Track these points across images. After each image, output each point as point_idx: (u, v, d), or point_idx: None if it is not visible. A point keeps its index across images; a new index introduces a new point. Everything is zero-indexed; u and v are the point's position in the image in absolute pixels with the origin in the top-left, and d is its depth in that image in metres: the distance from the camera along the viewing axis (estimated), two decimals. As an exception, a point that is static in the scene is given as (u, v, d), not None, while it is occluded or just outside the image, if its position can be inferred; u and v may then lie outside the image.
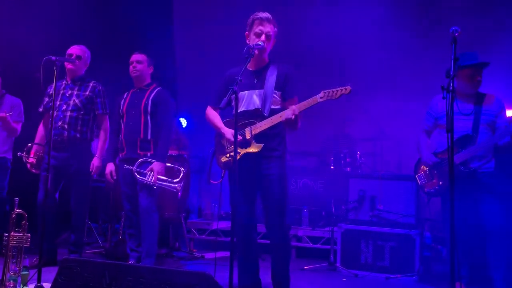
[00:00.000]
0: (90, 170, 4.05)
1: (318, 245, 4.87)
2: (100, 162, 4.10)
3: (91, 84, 4.19)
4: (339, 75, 6.72)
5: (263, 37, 2.98)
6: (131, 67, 3.97)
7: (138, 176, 3.74)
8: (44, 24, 5.38)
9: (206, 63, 7.33)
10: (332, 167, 5.71)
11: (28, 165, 4.12)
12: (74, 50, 4.17)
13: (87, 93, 4.14)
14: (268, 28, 2.98)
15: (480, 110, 3.50)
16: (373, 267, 4.24)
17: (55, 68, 3.28)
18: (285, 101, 3.02)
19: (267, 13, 3.02)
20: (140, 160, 3.78)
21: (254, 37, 3.00)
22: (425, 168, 3.74)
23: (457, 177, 3.40)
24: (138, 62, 3.95)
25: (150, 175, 3.72)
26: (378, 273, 4.20)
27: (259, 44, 2.91)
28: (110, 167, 3.96)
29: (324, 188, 5.45)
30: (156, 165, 3.75)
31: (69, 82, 4.17)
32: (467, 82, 3.53)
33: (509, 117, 3.82)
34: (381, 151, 5.83)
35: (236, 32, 6.63)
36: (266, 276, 3.19)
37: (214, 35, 7.24)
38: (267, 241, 3.22)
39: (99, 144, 4.16)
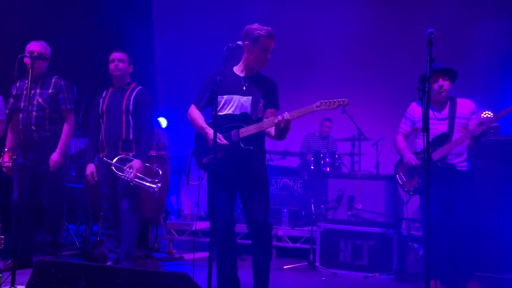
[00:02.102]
0: (50, 165, 3.95)
1: (298, 245, 4.89)
2: (60, 157, 3.99)
3: (53, 80, 4.08)
4: (316, 77, 6.79)
5: (269, 55, 3.03)
6: (112, 66, 3.85)
7: (115, 171, 3.69)
8: (17, 21, 5.27)
9: (185, 62, 7.31)
10: (312, 167, 5.76)
11: (4, 169, 4.03)
12: (35, 47, 4.00)
13: (50, 90, 4.04)
14: (273, 44, 3.03)
15: (454, 114, 3.68)
16: (352, 266, 4.29)
17: (29, 67, 3.22)
18: (266, 110, 3.08)
19: (270, 28, 3.01)
20: (120, 156, 3.73)
21: (259, 51, 2.99)
22: (405, 168, 3.84)
23: (435, 174, 3.61)
24: (120, 61, 3.85)
25: (129, 171, 3.68)
26: (357, 272, 4.24)
27: (239, 44, 2.91)
28: (91, 168, 3.88)
29: (303, 188, 5.48)
30: (136, 163, 3.70)
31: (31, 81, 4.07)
32: (432, 89, 3.66)
33: (481, 118, 3.94)
34: (360, 151, 5.90)
35: (215, 31, 6.65)
36: (245, 276, 3.19)
37: (194, 34, 7.22)
38: (247, 241, 3.22)
39: (62, 139, 4.04)
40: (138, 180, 3.69)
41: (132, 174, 3.65)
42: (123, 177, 3.66)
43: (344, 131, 6.30)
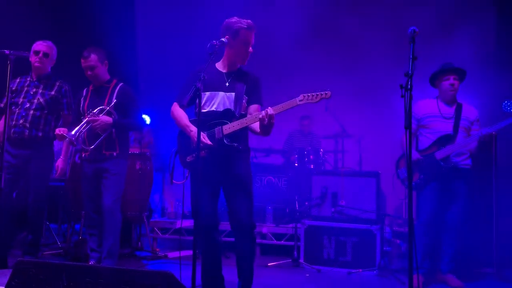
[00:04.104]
0: (56, 171, 3.96)
1: (282, 242, 4.91)
2: (65, 164, 3.99)
3: (57, 84, 4.05)
4: (297, 74, 6.79)
5: (250, 48, 3.00)
6: (87, 74, 3.77)
7: (90, 111, 3.63)
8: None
9: (169, 59, 7.23)
10: (296, 164, 5.78)
11: None
12: (41, 47, 3.99)
13: (53, 92, 4.01)
14: (253, 39, 3.00)
15: (459, 116, 3.87)
16: (336, 262, 4.32)
17: (9, 62, 3.15)
18: (250, 106, 3.06)
19: (250, 21, 2.99)
20: (101, 107, 3.66)
21: (240, 45, 2.97)
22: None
23: (438, 173, 3.81)
24: (92, 68, 3.74)
25: (95, 113, 3.60)
26: (340, 268, 4.28)
27: (223, 41, 2.89)
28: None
29: (288, 185, 5.50)
30: (106, 117, 3.63)
31: (34, 80, 4.02)
32: (441, 87, 3.92)
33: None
34: (343, 148, 5.94)
35: (199, 28, 6.60)
36: (229, 274, 3.18)
37: (177, 31, 7.15)
38: (231, 239, 3.21)
39: (65, 146, 4.03)
40: (92, 118, 3.58)
41: (94, 117, 3.57)
42: (90, 114, 3.59)
43: (327, 129, 6.33)
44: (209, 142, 2.87)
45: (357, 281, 4.03)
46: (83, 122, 3.59)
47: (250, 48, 3.01)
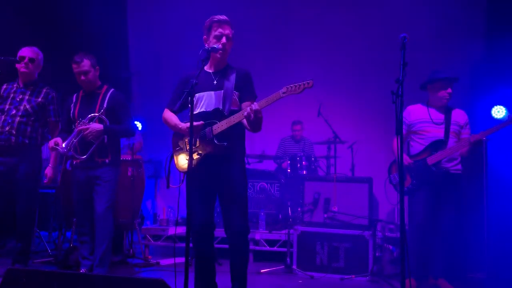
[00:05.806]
0: (45, 180, 3.93)
1: (275, 248, 4.90)
2: (55, 171, 3.97)
3: (44, 90, 4.03)
4: (290, 79, 6.81)
5: (223, 39, 2.96)
6: (79, 79, 3.76)
7: (79, 119, 3.63)
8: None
9: (161, 65, 7.24)
10: (288, 170, 5.78)
11: None
12: (27, 52, 3.98)
13: (40, 99, 3.98)
14: (227, 30, 2.98)
15: (449, 121, 3.91)
16: (328, 268, 4.32)
17: (-1, 69, 3.14)
18: (243, 102, 3.03)
19: (224, 15, 3.00)
20: (92, 115, 3.65)
21: (214, 40, 2.97)
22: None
23: (429, 178, 3.84)
24: (85, 73, 3.73)
25: (85, 122, 3.60)
26: (333, 274, 4.27)
27: (214, 47, 2.90)
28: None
29: (280, 191, 5.50)
30: (96, 125, 3.62)
31: (21, 86, 4.00)
32: (437, 94, 3.91)
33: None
34: (335, 154, 5.96)
35: (192, 33, 6.61)
36: (222, 281, 3.17)
37: (169, 37, 7.16)
38: (224, 246, 3.20)
39: (53, 153, 3.99)
40: (83, 127, 3.59)
41: (85, 127, 3.57)
42: (80, 123, 3.59)
43: (320, 135, 6.36)
44: (200, 123, 2.86)
45: (350, 287, 4.03)
46: (74, 133, 3.59)
47: (224, 39, 2.96)
